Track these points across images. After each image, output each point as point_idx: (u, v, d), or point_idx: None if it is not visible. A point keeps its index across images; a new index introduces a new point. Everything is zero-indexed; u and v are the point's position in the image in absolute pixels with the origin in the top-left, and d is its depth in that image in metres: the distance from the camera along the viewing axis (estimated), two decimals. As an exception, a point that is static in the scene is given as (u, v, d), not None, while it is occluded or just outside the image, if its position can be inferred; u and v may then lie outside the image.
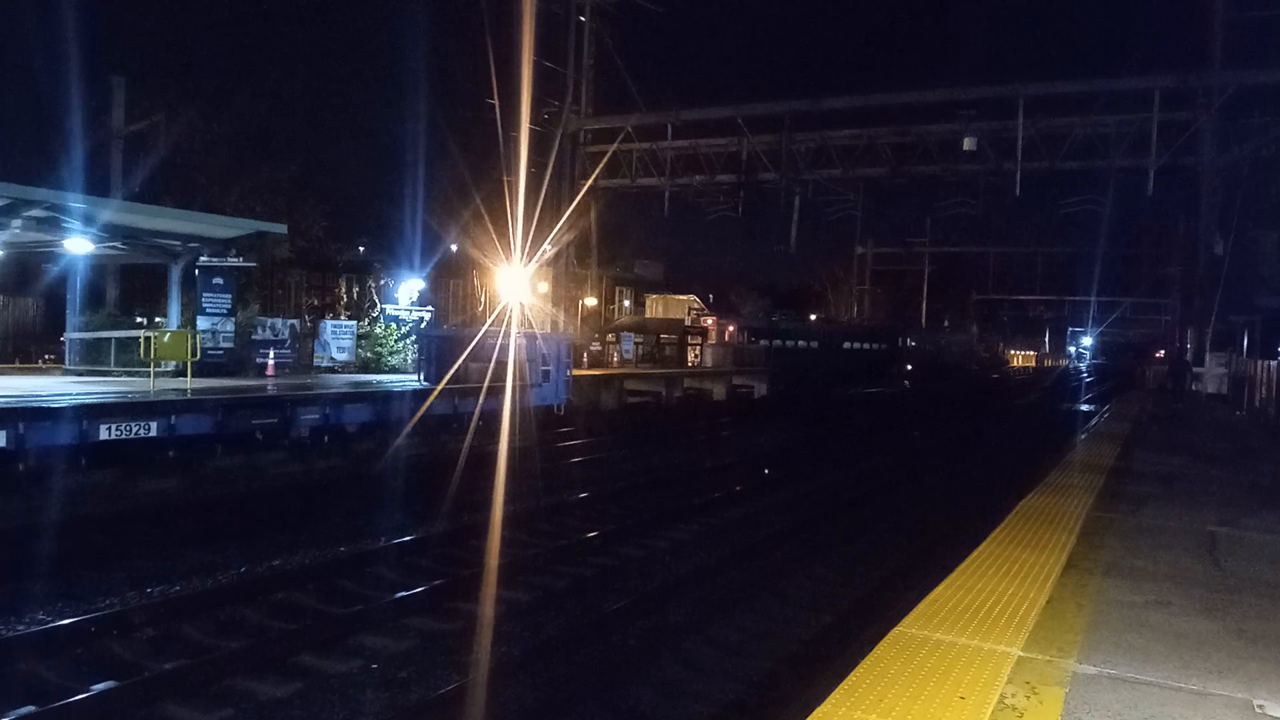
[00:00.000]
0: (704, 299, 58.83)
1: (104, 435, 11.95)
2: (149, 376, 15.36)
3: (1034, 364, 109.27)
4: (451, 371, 18.02)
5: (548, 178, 33.28)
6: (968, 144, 29.84)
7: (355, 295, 30.80)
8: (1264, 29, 28.02)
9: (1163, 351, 49.63)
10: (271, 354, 19.91)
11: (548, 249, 32.72)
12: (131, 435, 12.30)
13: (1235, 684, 4.13)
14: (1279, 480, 11.06)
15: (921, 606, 5.06)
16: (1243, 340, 31.16)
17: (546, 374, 20.77)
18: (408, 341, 24.51)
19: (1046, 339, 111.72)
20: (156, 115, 27.11)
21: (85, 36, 26.33)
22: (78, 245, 18.04)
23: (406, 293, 28.87)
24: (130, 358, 17.83)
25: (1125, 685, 4.06)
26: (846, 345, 55.28)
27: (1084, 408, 38.90)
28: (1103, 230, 45.40)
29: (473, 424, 17.28)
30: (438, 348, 19.79)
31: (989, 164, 30.25)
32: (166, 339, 16.22)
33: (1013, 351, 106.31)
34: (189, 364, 16.05)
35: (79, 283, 20.37)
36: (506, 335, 19.32)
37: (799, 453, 22.31)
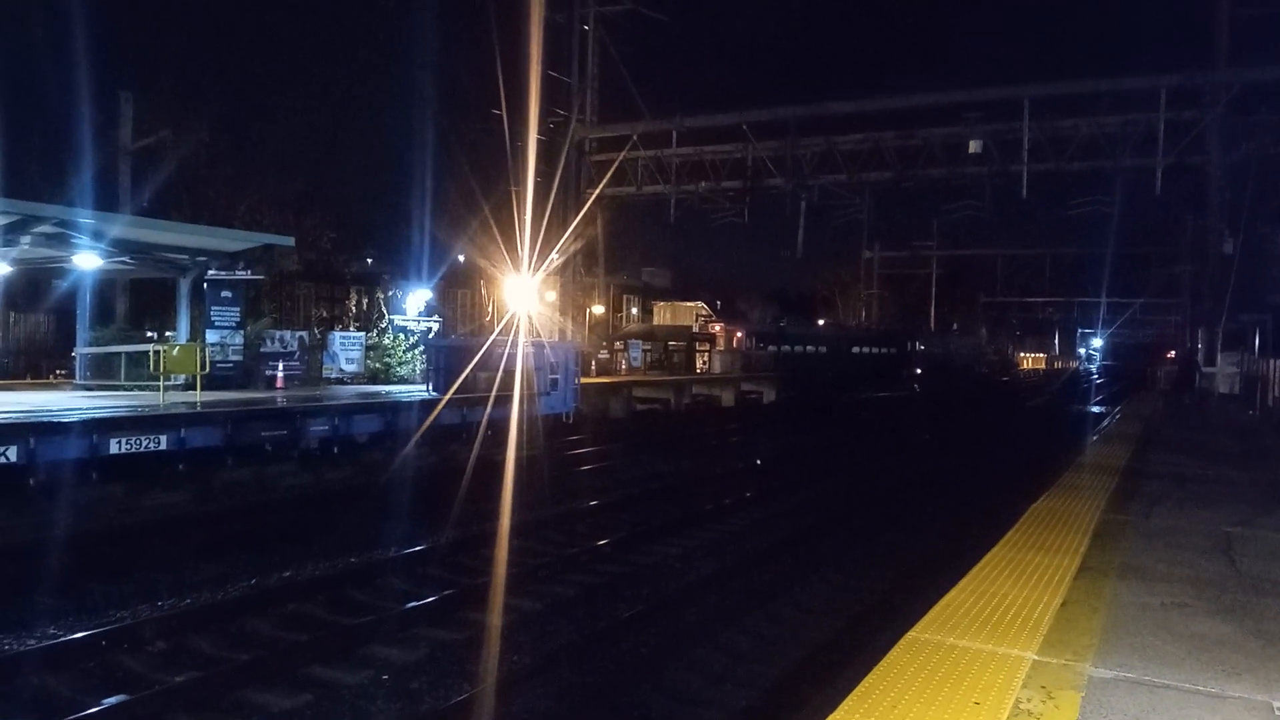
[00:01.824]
0: (711, 305, 58.80)
1: (114, 449, 11.97)
2: (159, 390, 15.40)
3: (1044, 366, 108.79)
4: (459, 381, 18.01)
5: (554, 187, 33.37)
6: (973, 146, 29.80)
7: (364, 306, 30.89)
8: (1270, 26, 27.97)
9: (1174, 352, 49.37)
10: (280, 366, 19.93)
11: (555, 258, 32.74)
12: (141, 449, 12.32)
13: (1254, 686, 4.08)
14: (1294, 479, 10.96)
15: (935, 611, 5.02)
16: (1254, 339, 30.96)
17: (554, 382, 20.76)
18: (416, 352, 24.53)
19: (1056, 341, 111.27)
20: (164, 130, 27.23)
21: (93, 53, 26.46)
22: (87, 261, 18.12)
23: (414, 303, 28.93)
24: (140, 371, 17.88)
25: (1142, 688, 4.01)
26: (855, 350, 55.10)
27: (1095, 409, 38.71)
28: (1111, 231, 45.15)
29: (481, 433, 17.27)
30: (446, 358, 19.80)
31: (995, 166, 30.19)
32: (176, 352, 16.26)
33: (1022, 354, 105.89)
34: (198, 377, 16.08)
35: (88, 298, 20.43)
36: (514, 344, 19.31)
37: (809, 458, 22.24)
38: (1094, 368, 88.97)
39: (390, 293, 30.65)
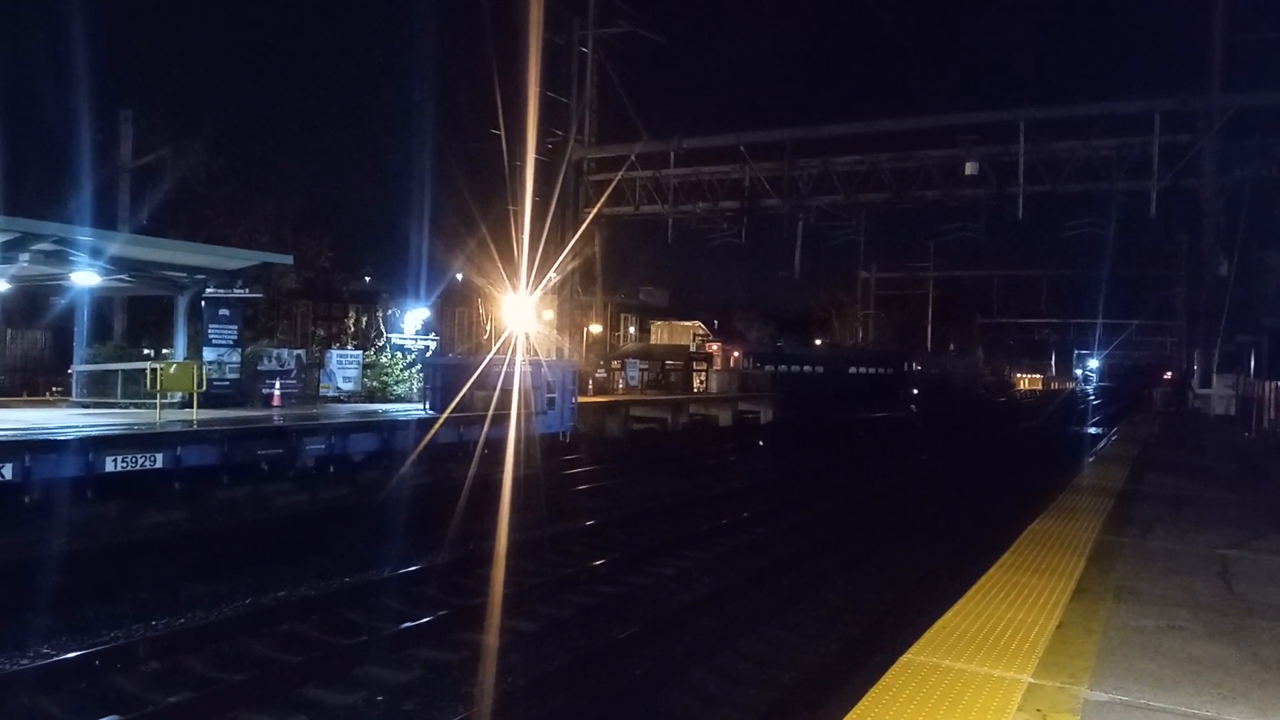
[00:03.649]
0: (709, 325, 58.82)
1: (110, 467, 11.94)
2: (155, 408, 15.38)
3: (1040, 387, 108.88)
4: (456, 400, 17.99)
5: (552, 206, 33.48)
6: (969, 168, 29.96)
7: (362, 325, 30.90)
8: (1264, 51, 28.21)
9: (1170, 373, 49.50)
10: (277, 384, 19.90)
11: (553, 277, 32.84)
12: (137, 467, 12.28)
13: (1250, 710, 4.08)
14: (1290, 502, 10.97)
15: (930, 633, 5.01)
16: (1250, 361, 31.04)
17: (551, 401, 20.75)
18: (413, 370, 24.52)
19: (1053, 361, 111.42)
20: (163, 149, 27.34)
21: (93, 71, 26.62)
22: (85, 278, 18.14)
23: (412, 322, 28.97)
24: (137, 389, 17.86)
25: (1138, 712, 4.01)
26: (852, 370, 55.15)
27: (1092, 430, 38.73)
28: (1107, 252, 45.45)
29: (478, 452, 17.24)
30: (443, 376, 19.79)
31: (991, 188, 30.34)
32: (172, 370, 16.24)
33: (1019, 375, 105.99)
34: (195, 395, 16.07)
35: (86, 315, 20.44)
36: (511, 363, 19.32)
37: (805, 478, 22.21)
38: (1090, 389, 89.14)
39: (388, 311, 30.68)
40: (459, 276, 36.59)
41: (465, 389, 18.41)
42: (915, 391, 58.89)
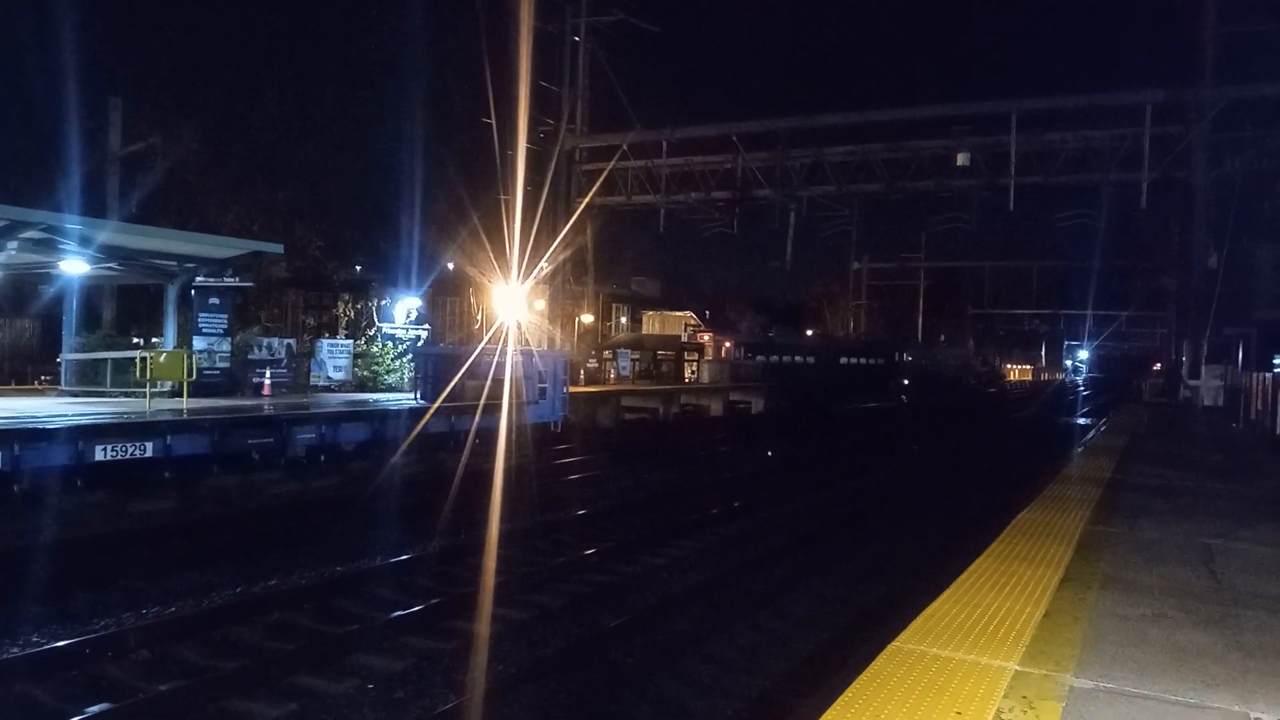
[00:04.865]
0: (700, 315, 58.83)
1: (99, 456, 11.92)
2: (145, 397, 15.34)
3: (1030, 378, 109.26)
4: (448, 389, 18.00)
5: (544, 196, 33.41)
6: (961, 159, 30.01)
7: (353, 314, 30.81)
8: (1256, 43, 28.30)
9: (1160, 365, 49.75)
10: (268, 373, 19.87)
11: (544, 267, 32.79)
12: (127, 456, 12.27)
13: (1233, 697, 4.13)
14: (1276, 492, 11.06)
15: (918, 621, 5.05)
16: (1238, 353, 31.24)
17: (543, 391, 20.76)
18: (404, 360, 24.50)
19: (1043, 352, 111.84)
20: (153, 136, 27.21)
21: (82, 58, 26.42)
22: (74, 266, 18.07)
23: (403, 311, 28.85)
24: (127, 378, 17.82)
25: (1122, 699, 4.05)
26: (843, 360, 55.28)
27: (1081, 421, 38.92)
28: (1098, 244, 45.62)
29: (469, 442, 17.26)
30: (434, 366, 19.79)
31: (983, 179, 30.41)
32: (162, 359, 16.20)
33: (1009, 365, 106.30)
34: (185, 384, 16.04)
35: (75, 303, 20.36)
36: (503, 353, 19.32)
37: (796, 468, 22.28)
38: (1080, 379, 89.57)
39: (379, 300, 30.56)
40: (450, 266, 36.52)
41: (457, 379, 18.42)
42: (906, 382, 59.00)
